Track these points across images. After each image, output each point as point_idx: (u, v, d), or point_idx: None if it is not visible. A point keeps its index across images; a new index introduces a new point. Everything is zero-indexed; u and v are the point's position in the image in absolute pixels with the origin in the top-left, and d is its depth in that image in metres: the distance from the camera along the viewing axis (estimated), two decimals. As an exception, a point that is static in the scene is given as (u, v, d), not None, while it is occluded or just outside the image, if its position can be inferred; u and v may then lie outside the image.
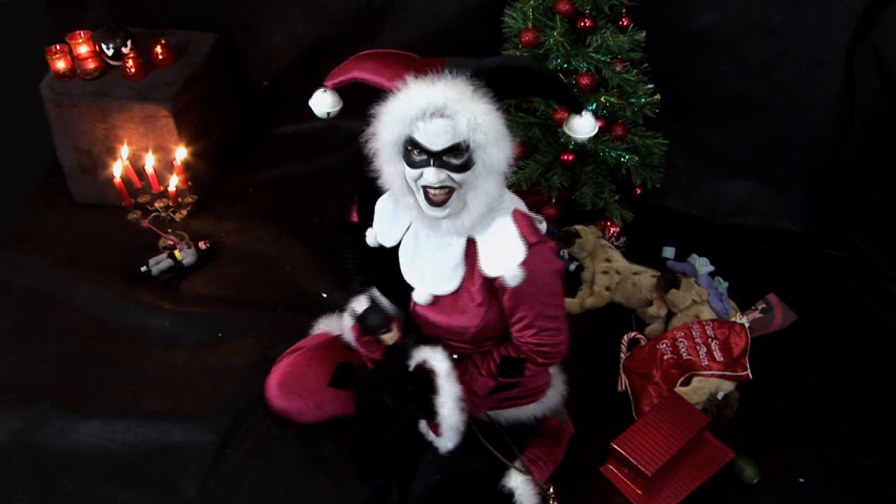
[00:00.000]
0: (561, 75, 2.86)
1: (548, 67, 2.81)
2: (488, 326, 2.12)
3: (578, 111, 2.09)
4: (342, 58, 3.58)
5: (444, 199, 1.93)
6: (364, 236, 2.22)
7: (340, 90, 2.07)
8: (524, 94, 2.75)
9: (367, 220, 2.22)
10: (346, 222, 2.31)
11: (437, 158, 1.88)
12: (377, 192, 2.14)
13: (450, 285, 2.08)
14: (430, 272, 2.10)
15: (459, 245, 2.06)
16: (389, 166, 1.97)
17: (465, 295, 2.09)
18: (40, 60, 3.24)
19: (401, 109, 1.87)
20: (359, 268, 2.29)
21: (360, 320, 2.18)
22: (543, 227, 2.15)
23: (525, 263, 1.99)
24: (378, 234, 2.17)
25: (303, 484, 2.40)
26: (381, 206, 2.17)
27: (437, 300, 2.11)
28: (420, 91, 1.85)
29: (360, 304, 2.23)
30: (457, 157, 1.88)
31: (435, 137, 1.86)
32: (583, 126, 2.09)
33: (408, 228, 2.13)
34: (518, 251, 1.99)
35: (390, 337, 2.18)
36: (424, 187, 1.93)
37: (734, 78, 3.23)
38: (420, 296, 2.10)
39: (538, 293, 2.04)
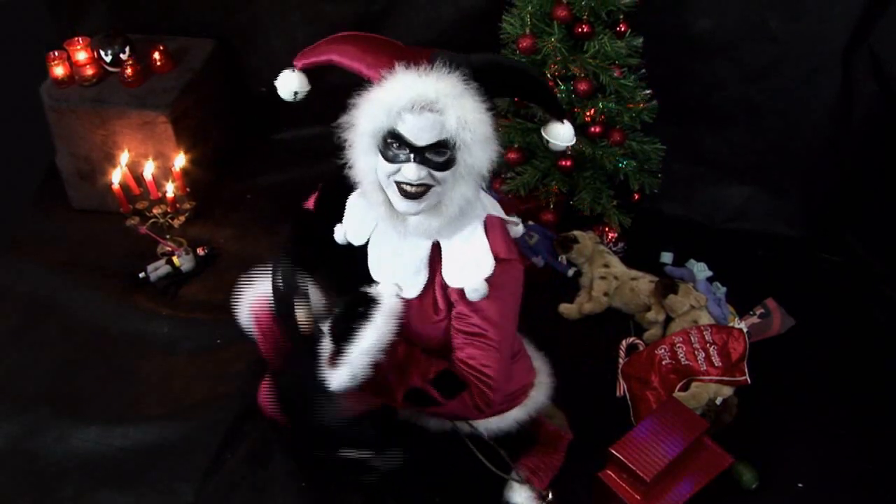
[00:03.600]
0: (548, 81, 2.84)
1: (536, 70, 2.79)
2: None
3: (560, 118, 2.04)
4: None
5: (421, 193, 1.83)
6: (313, 228, 2.14)
7: (312, 72, 2.00)
8: (509, 94, 2.70)
9: (330, 215, 2.11)
10: (302, 210, 2.21)
11: (419, 154, 1.79)
12: (347, 188, 2.04)
13: (411, 290, 1.98)
14: (392, 273, 1.99)
15: (424, 248, 1.96)
16: (364, 159, 1.86)
17: (429, 304, 2.00)
18: (39, 65, 3.24)
19: (388, 99, 1.77)
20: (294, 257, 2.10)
21: (279, 289, 1.95)
22: (519, 229, 2.07)
23: (490, 280, 1.90)
24: (347, 232, 2.06)
25: (299, 489, 2.40)
26: (353, 203, 2.07)
27: (405, 303, 1.99)
28: (411, 81, 1.76)
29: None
30: (439, 154, 1.80)
31: (421, 132, 1.77)
32: (562, 133, 2.05)
33: (375, 227, 2.04)
34: (485, 265, 1.90)
35: (306, 319, 1.96)
36: (399, 182, 1.83)
37: (732, 83, 3.24)
38: (384, 297, 1.98)
39: (493, 311, 1.94)
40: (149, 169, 3.15)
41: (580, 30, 2.82)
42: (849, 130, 3.17)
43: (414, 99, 1.75)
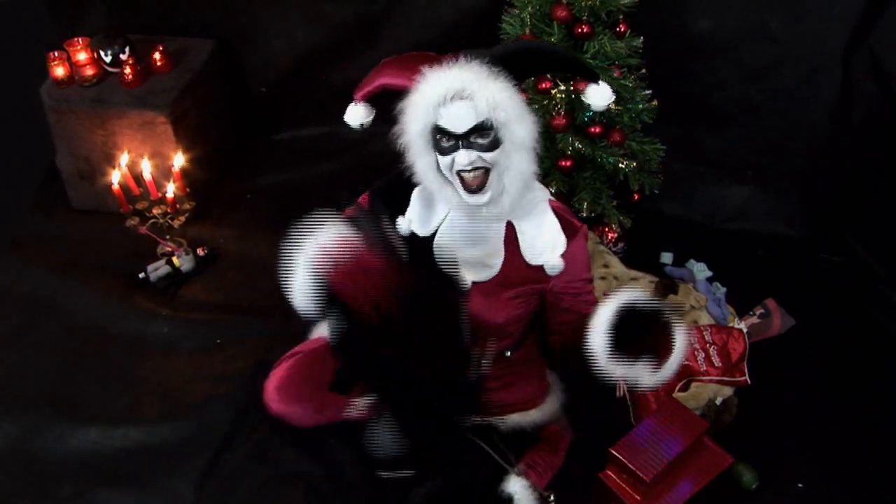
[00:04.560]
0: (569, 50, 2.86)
1: (557, 46, 2.81)
2: (514, 320, 2.15)
3: (595, 80, 2.14)
4: (340, 65, 3.62)
5: (482, 183, 1.96)
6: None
7: (372, 101, 2.13)
8: (540, 73, 2.81)
9: (390, 208, 2.21)
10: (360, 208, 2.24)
11: (465, 140, 1.92)
12: (402, 187, 2.17)
13: (488, 272, 2.11)
14: (469, 259, 2.11)
15: (500, 230, 2.10)
16: (421, 159, 2.00)
17: (498, 286, 2.11)
18: (39, 65, 3.25)
19: (422, 99, 1.92)
20: None
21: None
22: None
23: (569, 251, 2.08)
24: (413, 223, 2.18)
25: (300, 488, 2.40)
26: (418, 195, 2.19)
27: (470, 289, 2.11)
28: (437, 77, 1.91)
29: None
30: (483, 136, 1.92)
31: (458, 120, 1.91)
32: (599, 94, 2.14)
33: (444, 218, 2.14)
34: (560, 243, 2.08)
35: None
36: (459, 173, 1.96)
37: (732, 83, 3.24)
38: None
39: (579, 271, 2.13)
40: (148, 169, 3.15)
41: (580, 30, 2.82)
42: (849, 130, 3.17)
43: (443, 92, 1.89)
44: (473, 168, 1.94)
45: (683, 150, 3.34)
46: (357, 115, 2.16)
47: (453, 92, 1.89)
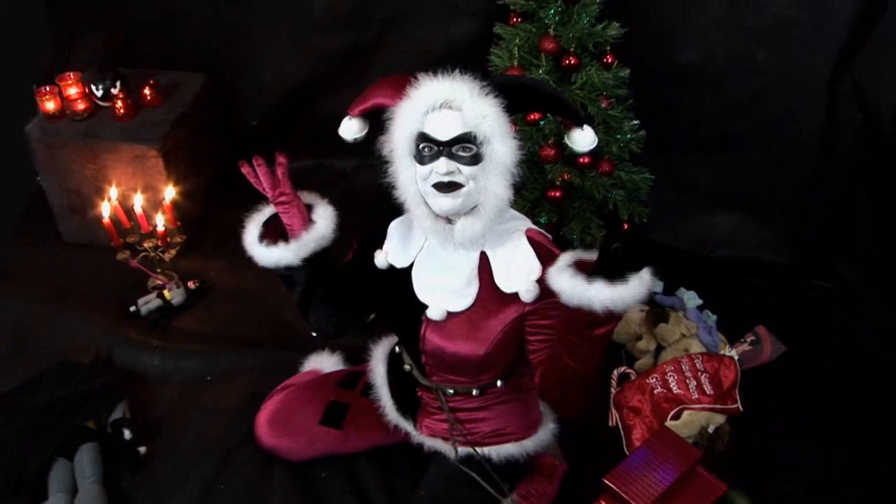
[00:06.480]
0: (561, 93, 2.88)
1: (554, 89, 2.84)
2: (494, 354, 2.12)
3: (580, 125, 2.15)
4: (330, 97, 3.62)
5: (454, 187, 1.95)
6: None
7: (366, 117, 2.13)
8: (531, 110, 2.83)
9: (372, 245, 2.24)
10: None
11: (447, 150, 1.93)
12: (387, 219, 2.20)
13: (463, 301, 2.09)
14: (443, 288, 2.10)
15: (473, 259, 2.08)
16: (404, 173, 2.00)
17: (477, 318, 2.10)
18: (30, 98, 3.26)
19: (413, 105, 1.94)
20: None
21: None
22: None
23: (544, 276, 2.02)
24: (389, 255, 2.18)
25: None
26: (395, 227, 2.20)
27: (448, 322, 2.11)
28: (430, 86, 1.94)
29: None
30: (465, 150, 1.93)
31: (444, 128, 1.92)
32: (582, 139, 2.16)
33: (421, 249, 2.15)
34: (534, 268, 2.04)
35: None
36: (435, 185, 1.95)
37: (719, 113, 3.27)
38: (434, 312, 2.10)
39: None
40: (139, 202, 3.16)
41: (567, 62, 2.85)
42: (834, 159, 3.20)
43: (435, 99, 1.93)
44: (450, 181, 1.94)
45: (672, 180, 3.36)
46: (351, 129, 2.15)
47: (442, 100, 1.92)
